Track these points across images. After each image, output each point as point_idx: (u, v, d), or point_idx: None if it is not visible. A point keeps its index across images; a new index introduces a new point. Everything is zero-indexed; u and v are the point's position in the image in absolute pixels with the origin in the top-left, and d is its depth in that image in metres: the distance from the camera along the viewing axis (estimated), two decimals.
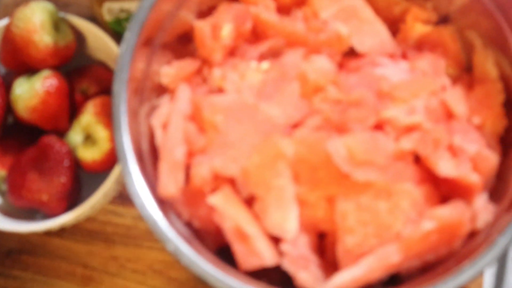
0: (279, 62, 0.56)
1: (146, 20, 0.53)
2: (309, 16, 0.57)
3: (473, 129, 0.54)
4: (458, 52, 0.58)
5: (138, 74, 0.54)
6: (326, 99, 0.53)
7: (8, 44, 0.61)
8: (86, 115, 0.61)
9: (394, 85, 0.53)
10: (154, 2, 0.53)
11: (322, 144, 0.50)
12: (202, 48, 0.58)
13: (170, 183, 0.51)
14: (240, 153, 0.53)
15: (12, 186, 0.60)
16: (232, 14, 0.58)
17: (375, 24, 0.57)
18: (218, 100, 0.54)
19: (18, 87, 0.60)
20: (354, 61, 0.56)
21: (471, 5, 0.56)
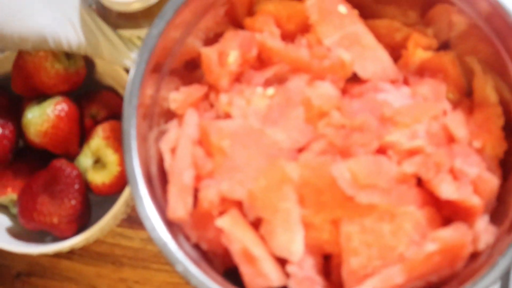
0: (284, 87, 0.57)
1: (155, 47, 0.55)
2: (313, 43, 0.59)
3: (474, 152, 0.56)
4: (458, 77, 0.60)
5: (147, 100, 0.56)
6: (330, 124, 0.55)
7: (20, 70, 0.63)
8: (96, 139, 0.63)
9: (396, 110, 0.55)
10: (163, 30, 0.55)
11: (326, 167, 0.52)
12: (209, 74, 0.60)
13: (179, 206, 0.53)
14: (246, 176, 0.54)
15: (23, 209, 0.61)
16: (238, 41, 0.59)
17: (377, 51, 0.59)
18: (225, 125, 0.56)
19: (29, 112, 0.62)
20: (357, 87, 0.58)
21: (470, 31, 0.58)
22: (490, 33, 0.56)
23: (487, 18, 0.56)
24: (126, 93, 0.53)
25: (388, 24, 0.62)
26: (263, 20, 0.60)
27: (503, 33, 0.55)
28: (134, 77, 0.54)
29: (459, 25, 0.59)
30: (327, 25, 0.58)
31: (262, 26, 0.60)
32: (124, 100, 0.53)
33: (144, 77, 0.54)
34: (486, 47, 0.57)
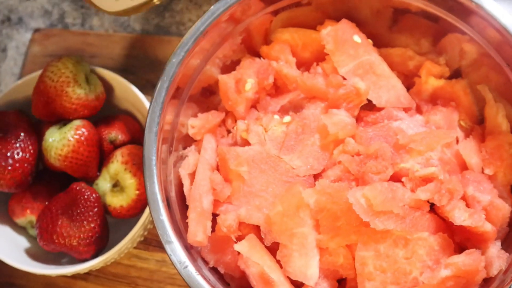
0: (300, 115, 0.59)
1: (175, 75, 0.56)
2: (329, 71, 0.60)
3: (486, 179, 0.57)
4: (470, 105, 0.62)
5: (167, 126, 0.58)
6: (345, 151, 0.56)
7: (40, 95, 0.65)
8: (115, 163, 0.64)
9: (410, 138, 0.56)
10: (183, 58, 0.57)
11: (342, 194, 0.54)
12: (226, 101, 0.62)
13: (199, 231, 0.54)
14: (264, 202, 0.56)
15: (43, 231, 0.63)
16: (255, 69, 0.61)
17: (391, 79, 0.61)
18: (243, 151, 0.57)
19: (50, 137, 0.64)
20: (372, 114, 0.60)
21: (481, 60, 0.60)
22: (500, 62, 0.58)
23: (497, 46, 0.57)
24: (147, 120, 0.55)
25: (402, 52, 0.64)
26: (279, 48, 0.62)
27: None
28: (154, 105, 0.55)
29: (470, 53, 0.61)
30: (342, 55, 0.60)
31: (278, 54, 0.62)
32: (146, 128, 0.54)
33: (164, 104, 0.56)
34: (497, 75, 0.59)
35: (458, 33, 0.60)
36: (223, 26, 0.59)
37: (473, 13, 0.56)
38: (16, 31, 0.84)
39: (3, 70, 0.83)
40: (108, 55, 0.79)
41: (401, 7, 0.61)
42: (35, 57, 0.81)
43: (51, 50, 0.80)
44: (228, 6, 0.57)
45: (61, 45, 0.80)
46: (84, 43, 0.80)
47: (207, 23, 0.57)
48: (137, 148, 0.66)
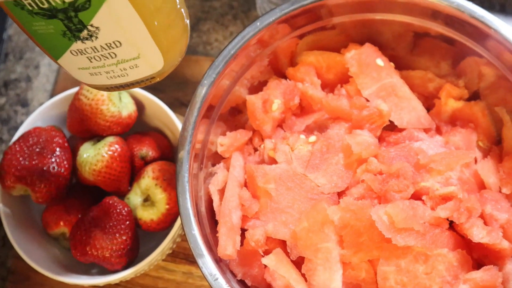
0: (325, 135, 0.63)
1: (206, 96, 0.60)
2: (352, 93, 0.64)
3: (503, 198, 0.60)
4: (488, 126, 0.65)
5: (198, 144, 0.61)
6: (368, 170, 0.60)
7: (76, 113, 0.69)
8: (146, 179, 0.68)
9: (430, 158, 0.59)
10: (214, 80, 0.60)
11: (365, 211, 0.57)
12: (253, 120, 0.65)
13: (229, 245, 0.58)
14: (290, 218, 0.60)
15: (77, 242, 0.67)
16: (281, 90, 0.65)
17: (412, 101, 0.64)
18: (270, 169, 0.61)
19: (85, 152, 0.68)
20: (394, 135, 0.63)
21: (499, 82, 0.63)
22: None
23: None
24: (180, 139, 0.58)
25: (422, 75, 0.67)
26: (304, 70, 0.66)
27: None
28: (187, 124, 0.59)
29: (488, 76, 0.64)
30: (366, 77, 0.63)
31: (304, 76, 0.66)
32: (178, 146, 0.58)
33: (196, 124, 0.59)
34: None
35: (476, 56, 0.63)
36: (252, 49, 0.63)
37: (489, 37, 0.60)
38: None
39: (35, 87, 0.87)
40: None
41: (421, 31, 0.64)
42: (66, 74, 0.84)
43: None
44: (258, 31, 0.61)
45: None
46: None
47: (237, 47, 0.61)
48: (167, 164, 0.69)
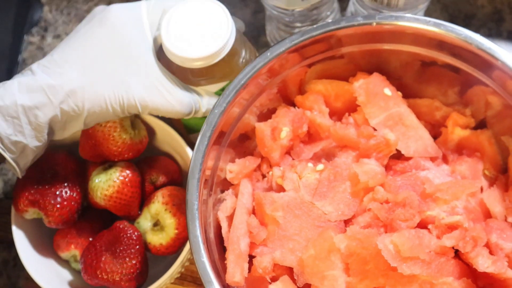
0: (332, 163, 0.64)
1: (217, 124, 0.62)
2: (360, 122, 0.65)
3: (509, 227, 0.61)
4: (495, 155, 0.66)
5: (208, 171, 0.63)
6: (375, 199, 0.61)
7: (88, 138, 0.70)
8: (156, 204, 0.70)
9: (436, 187, 0.61)
10: (224, 109, 0.62)
11: (372, 240, 0.58)
12: (262, 147, 0.67)
13: (237, 272, 0.59)
14: (297, 245, 0.61)
15: (88, 266, 0.68)
16: (290, 117, 0.66)
17: (419, 130, 0.65)
18: (278, 197, 0.62)
19: (96, 177, 0.70)
20: (400, 164, 0.64)
21: (505, 111, 0.64)
22: None
23: None
24: (190, 166, 0.60)
25: (429, 103, 0.68)
26: (313, 98, 0.67)
27: None
28: (197, 152, 0.60)
29: (495, 105, 0.65)
30: (373, 107, 0.65)
31: (312, 104, 0.67)
32: (189, 174, 0.60)
33: (206, 152, 0.61)
34: None
35: (482, 85, 0.64)
36: (262, 79, 0.65)
37: (496, 68, 0.61)
38: None
39: None
40: None
41: (428, 60, 0.66)
42: None
43: None
44: (268, 61, 0.63)
45: None
46: None
47: (247, 76, 0.62)
48: (176, 189, 0.71)
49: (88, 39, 0.63)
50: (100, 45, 0.63)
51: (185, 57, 0.63)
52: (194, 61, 0.63)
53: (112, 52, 0.63)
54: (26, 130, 0.61)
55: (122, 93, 0.62)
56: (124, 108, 0.63)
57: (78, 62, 0.62)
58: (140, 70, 0.63)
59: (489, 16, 0.85)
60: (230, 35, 0.64)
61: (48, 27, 0.93)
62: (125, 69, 0.63)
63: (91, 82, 0.62)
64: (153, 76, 0.64)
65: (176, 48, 0.63)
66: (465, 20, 0.86)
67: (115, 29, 0.64)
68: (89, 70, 0.62)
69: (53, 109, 0.61)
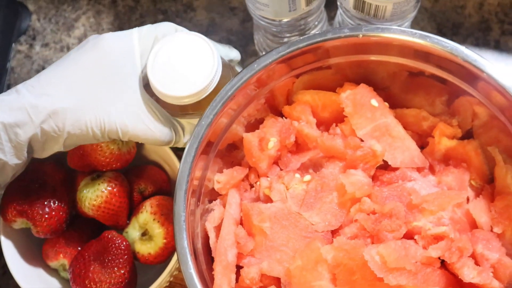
0: (319, 174, 0.65)
1: (204, 136, 0.62)
2: (347, 132, 0.66)
3: (495, 237, 0.62)
4: (481, 165, 0.67)
5: (195, 181, 0.63)
6: (362, 210, 0.61)
7: (76, 149, 0.71)
8: (144, 214, 0.70)
9: (423, 198, 0.61)
10: (211, 120, 0.62)
11: (358, 251, 0.59)
12: (250, 158, 0.67)
13: (224, 283, 0.59)
14: (285, 256, 0.61)
15: (76, 276, 0.68)
16: (277, 128, 0.67)
17: (405, 141, 0.66)
18: (266, 208, 0.63)
19: (84, 188, 0.70)
20: (387, 174, 0.65)
21: (491, 122, 0.65)
22: (508, 125, 0.63)
23: (503, 110, 0.62)
24: (177, 178, 0.60)
25: (416, 113, 0.69)
26: (300, 109, 0.68)
27: None
28: (184, 165, 0.61)
29: (481, 116, 0.66)
30: (360, 118, 0.65)
31: (300, 114, 0.68)
32: (176, 185, 0.60)
33: (193, 163, 0.61)
34: (507, 138, 0.64)
35: (468, 96, 0.65)
36: (249, 90, 0.65)
37: (481, 80, 0.61)
38: None
39: None
40: None
41: (416, 70, 0.66)
42: None
43: None
44: (255, 72, 0.63)
45: None
46: None
47: (235, 88, 0.63)
48: (164, 199, 0.71)
49: (77, 63, 0.64)
50: (88, 69, 0.64)
51: (172, 95, 0.63)
52: (182, 99, 0.64)
53: (98, 77, 0.63)
54: (6, 148, 0.61)
55: (104, 117, 0.62)
56: (104, 133, 0.63)
57: (64, 84, 0.63)
58: (124, 96, 0.64)
59: (477, 25, 0.86)
60: (216, 70, 0.64)
61: (37, 35, 0.93)
62: (109, 94, 0.63)
63: (74, 104, 0.62)
64: (136, 104, 0.64)
65: (162, 86, 0.63)
66: (452, 29, 0.86)
67: (105, 55, 0.64)
68: (74, 93, 0.63)
69: (33, 128, 0.61)
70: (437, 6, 0.88)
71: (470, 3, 0.87)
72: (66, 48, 0.92)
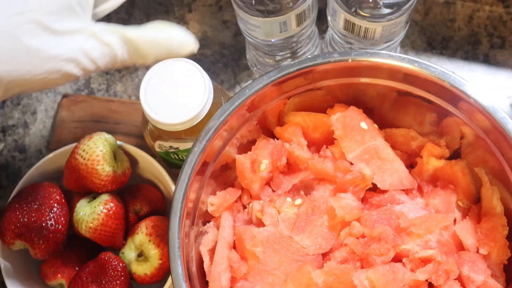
0: (310, 197, 0.66)
1: (197, 163, 0.63)
2: (337, 155, 0.68)
3: (480, 259, 0.64)
4: (468, 185, 0.69)
5: (190, 203, 0.65)
6: (351, 234, 0.63)
7: (72, 171, 0.72)
8: (140, 235, 0.72)
9: (411, 222, 0.63)
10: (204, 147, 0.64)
11: (348, 275, 0.61)
12: (242, 179, 0.69)
13: None
14: (277, 279, 0.63)
15: None
16: (269, 150, 0.69)
17: (394, 163, 0.68)
18: (258, 232, 0.65)
19: (81, 210, 0.72)
20: (376, 196, 0.67)
21: (478, 142, 0.66)
22: (492, 147, 0.65)
23: (488, 134, 0.64)
24: (172, 205, 0.62)
25: (405, 133, 0.71)
26: (292, 131, 0.70)
27: (503, 147, 0.63)
28: (178, 191, 0.62)
29: (468, 136, 0.67)
30: (350, 141, 0.67)
31: (291, 136, 0.69)
32: (171, 212, 0.61)
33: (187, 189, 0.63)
34: (492, 158, 0.66)
35: (455, 117, 0.66)
36: (242, 114, 0.66)
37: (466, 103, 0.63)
38: (45, 95, 0.92)
39: (32, 133, 0.90)
40: (132, 122, 0.87)
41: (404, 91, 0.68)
42: (63, 122, 0.88)
43: (78, 116, 0.88)
44: (246, 97, 0.65)
45: (87, 111, 0.88)
46: (109, 110, 0.88)
47: (227, 113, 0.64)
48: (159, 219, 0.73)
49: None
50: None
51: (165, 123, 0.65)
52: (175, 126, 0.66)
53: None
54: None
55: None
56: None
57: None
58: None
59: (466, 39, 0.88)
60: (208, 97, 0.66)
61: None
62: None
63: None
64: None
65: (155, 114, 0.65)
66: (442, 42, 0.88)
67: None
68: None
69: None
70: (427, 19, 0.89)
71: (460, 17, 0.88)
72: None
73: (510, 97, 0.85)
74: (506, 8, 0.88)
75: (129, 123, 0.87)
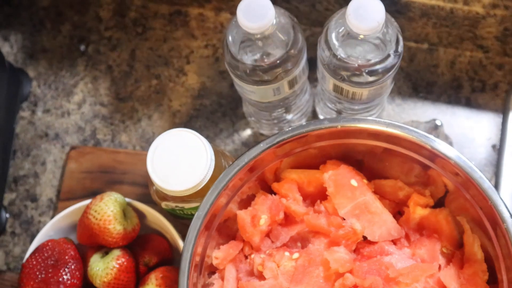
0: (306, 250, 0.74)
1: (201, 227, 0.71)
2: (330, 210, 0.75)
3: None
4: (451, 232, 0.76)
5: (197, 257, 0.72)
6: (344, 286, 0.71)
7: (85, 229, 0.80)
8: (150, 286, 0.79)
9: (398, 272, 0.71)
10: (207, 211, 0.71)
11: None
12: (243, 233, 0.76)
13: None
14: None
15: None
16: (267, 205, 0.76)
17: (382, 215, 0.75)
18: (260, 285, 0.72)
19: (95, 266, 0.79)
20: (367, 247, 0.74)
21: (459, 192, 0.74)
22: (473, 202, 0.72)
23: (468, 190, 0.72)
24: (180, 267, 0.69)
25: (393, 184, 0.78)
26: (288, 187, 0.77)
27: (480, 201, 0.71)
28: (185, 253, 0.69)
29: (449, 187, 0.75)
30: (342, 197, 0.74)
31: (287, 192, 0.77)
32: (179, 273, 0.69)
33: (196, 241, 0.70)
34: (472, 208, 0.73)
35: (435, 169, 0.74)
36: (241, 177, 0.74)
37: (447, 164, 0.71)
38: (53, 146, 0.99)
39: (43, 182, 0.97)
40: (137, 172, 0.94)
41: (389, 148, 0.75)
42: (72, 172, 0.95)
43: (86, 167, 0.95)
44: (245, 164, 0.72)
45: (94, 162, 0.95)
46: (115, 161, 0.95)
47: (227, 179, 0.72)
48: (168, 270, 0.80)
49: None
50: None
51: (171, 190, 0.73)
52: (180, 192, 0.74)
53: None
54: None
55: None
56: None
57: None
58: None
59: (449, 83, 0.95)
60: (210, 164, 0.73)
61: (38, 101, 1.01)
62: None
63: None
64: None
65: (162, 182, 0.73)
66: (426, 87, 0.95)
67: None
68: None
69: None
70: (412, 65, 0.96)
71: (443, 62, 0.96)
72: (67, 113, 1.00)
73: (490, 139, 0.93)
74: (485, 53, 0.95)
75: (135, 173, 0.94)
